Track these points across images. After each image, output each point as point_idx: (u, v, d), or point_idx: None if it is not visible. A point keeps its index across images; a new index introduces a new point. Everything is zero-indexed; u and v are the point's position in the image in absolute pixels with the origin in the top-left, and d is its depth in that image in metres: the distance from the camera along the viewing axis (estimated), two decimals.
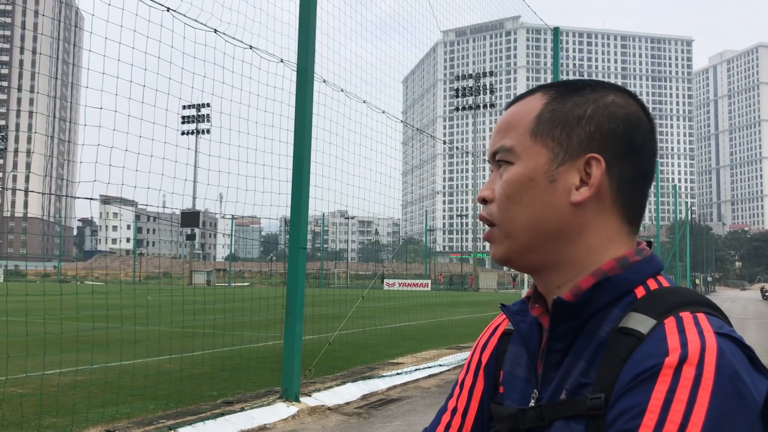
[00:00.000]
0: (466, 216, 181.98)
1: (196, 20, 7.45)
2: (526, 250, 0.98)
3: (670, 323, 0.84)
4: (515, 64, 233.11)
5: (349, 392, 8.50)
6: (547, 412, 0.93)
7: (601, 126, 0.96)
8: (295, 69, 8.10)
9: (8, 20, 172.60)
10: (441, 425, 1.15)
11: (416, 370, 10.51)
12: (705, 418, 0.75)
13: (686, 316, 0.85)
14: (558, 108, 0.98)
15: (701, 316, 0.85)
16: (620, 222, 0.97)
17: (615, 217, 0.97)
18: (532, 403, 0.97)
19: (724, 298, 59.72)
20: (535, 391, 0.98)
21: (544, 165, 0.96)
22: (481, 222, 1.04)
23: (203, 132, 65.90)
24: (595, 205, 0.95)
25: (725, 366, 0.78)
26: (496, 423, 1.05)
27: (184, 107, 60.79)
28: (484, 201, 1.02)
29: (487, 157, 1.06)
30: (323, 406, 7.72)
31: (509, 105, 1.05)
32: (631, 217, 0.98)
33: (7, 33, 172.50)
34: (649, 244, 1.02)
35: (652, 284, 0.93)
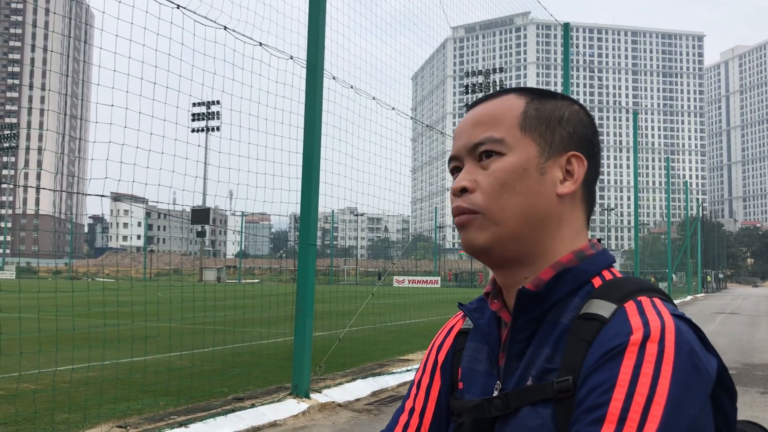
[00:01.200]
0: None
1: (205, 17, 7.47)
2: (511, 239, 1.00)
3: (630, 306, 0.91)
4: (525, 60, 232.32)
5: (359, 389, 8.50)
6: (514, 399, 0.96)
7: (577, 129, 1.05)
8: (305, 66, 8.10)
9: (19, 18, 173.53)
10: (399, 426, 1.16)
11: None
12: (669, 389, 0.82)
13: (644, 299, 0.92)
14: (541, 107, 1.05)
15: (657, 300, 0.92)
16: (584, 217, 1.06)
17: (582, 212, 1.05)
18: (496, 393, 1.00)
19: (736, 294, 59.31)
20: (498, 382, 1.01)
21: (535, 157, 1.01)
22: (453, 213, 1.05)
23: (213, 129, 65.98)
24: (571, 199, 1.03)
25: (684, 342, 0.85)
26: (458, 417, 1.07)
27: (194, 104, 60.95)
28: (464, 190, 1.03)
29: (456, 152, 1.07)
30: (333, 402, 7.73)
31: (478, 103, 1.09)
32: (589, 214, 1.07)
33: (19, 31, 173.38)
34: (599, 241, 1.08)
35: (607, 275, 1.00)
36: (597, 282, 0.99)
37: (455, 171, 1.07)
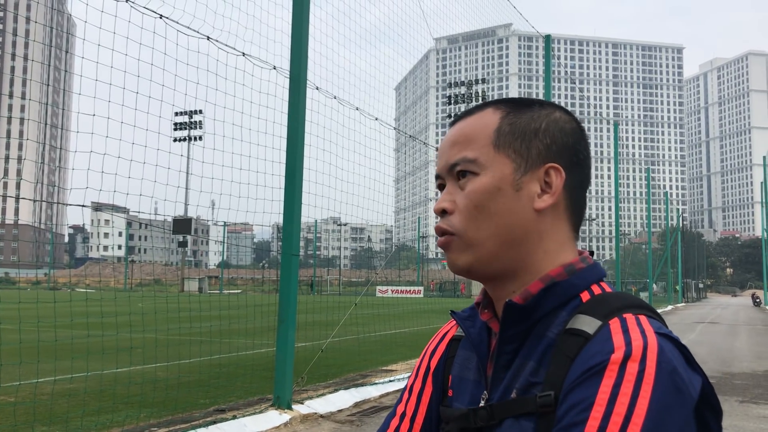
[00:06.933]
0: None
1: (188, 27, 7.46)
2: (490, 258, 1.01)
3: (614, 324, 0.90)
4: (507, 71, 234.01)
5: (342, 400, 8.49)
6: (498, 411, 0.96)
7: (555, 139, 1.03)
8: (288, 76, 8.13)
9: (0, 26, 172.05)
10: (390, 429, 1.18)
11: (409, 377, 10.49)
12: (647, 410, 0.81)
13: (629, 317, 0.91)
14: (516, 121, 1.03)
15: (643, 318, 0.91)
16: (570, 228, 1.05)
17: (566, 223, 1.04)
18: (482, 404, 1.01)
19: (716, 304, 59.85)
20: (485, 392, 1.02)
21: (509, 175, 1.01)
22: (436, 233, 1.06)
23: (196, 139, 65.60)
24: (553, 211, 1.02)
25: (665, 362, 0.84)
26: (446, 425, 1.08)
27: (176, 114, 60.64)
28: (443, 212, 1.04)
29: (439, 171, 1.08)
30: (315, 413, 7.71)
31: (458, 120, 1.09)
32: (577, 224, 1.06)
33: None
34: (591, 253, 1.08)
35: (596, 289, 1.00)
36: (585, 296, 0.98)
37: (441, 188, 1.08)
